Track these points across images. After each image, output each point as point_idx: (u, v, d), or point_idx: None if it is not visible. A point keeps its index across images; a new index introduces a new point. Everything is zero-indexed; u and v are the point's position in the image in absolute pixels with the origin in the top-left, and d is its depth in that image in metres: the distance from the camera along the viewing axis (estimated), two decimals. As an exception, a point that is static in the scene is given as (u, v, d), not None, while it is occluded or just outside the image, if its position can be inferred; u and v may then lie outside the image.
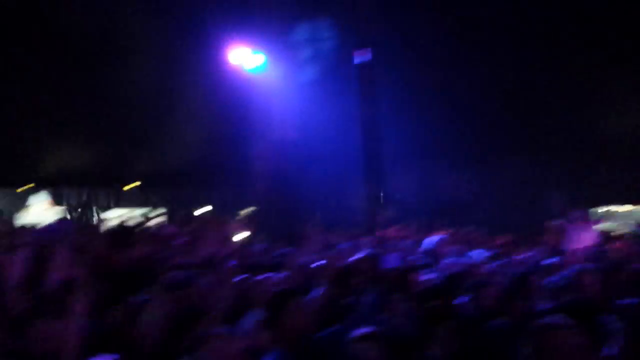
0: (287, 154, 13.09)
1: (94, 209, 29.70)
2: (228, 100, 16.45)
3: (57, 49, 25.21)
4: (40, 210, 32.09)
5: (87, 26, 23.30)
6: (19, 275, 2.90)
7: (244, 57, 13.15)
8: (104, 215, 30.19)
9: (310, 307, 3.67)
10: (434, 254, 7.92)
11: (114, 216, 28.46)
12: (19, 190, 31.86)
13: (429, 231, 9.73)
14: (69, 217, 29.65)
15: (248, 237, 9.76)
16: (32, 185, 32.76)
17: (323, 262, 6.39)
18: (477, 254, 8.17)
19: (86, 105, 27.25)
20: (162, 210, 29.77)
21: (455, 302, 4.68)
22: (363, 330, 3.10)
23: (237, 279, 4.57)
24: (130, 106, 25.92)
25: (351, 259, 6.27)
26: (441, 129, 16.95)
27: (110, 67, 25.20)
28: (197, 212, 25.68)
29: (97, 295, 4.07)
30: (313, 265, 6.16)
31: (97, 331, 3.30)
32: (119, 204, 31.40)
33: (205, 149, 24.94)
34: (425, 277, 5.72)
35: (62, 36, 24.85)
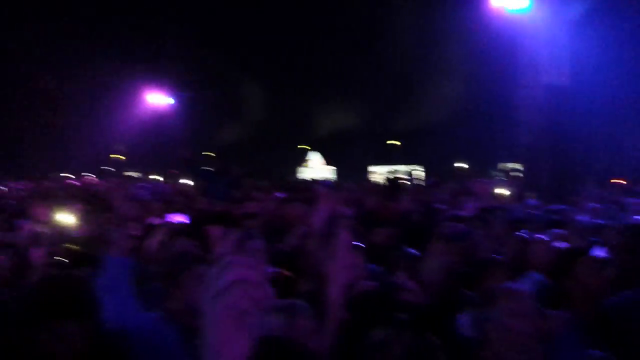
0: (557, 102, 11.92)
1: (363, 165, 31.92)
2: (490, 47, 15.61)
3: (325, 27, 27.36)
4: (314, 168, 35.64)
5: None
6: (319, 224, 3.23)
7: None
8: (371, 170, 32.28)
9: (601, 268, 3.29)
10: None
11: (380, 172, 30.13)
12: (298, 147, 36.07)
13: None
14: (336, 175, 32.52)
15: (514, 192, 9.31)
16: (307, 147, 36.76)
17: (604, 220, 5.74)
18: None
19: (351, 71, 29.08)
20: (421, 166, 30.50)
21: None
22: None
23: (514, 235, 4.34)
24: (392, 65, 26.75)
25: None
26: None
27: (372, 29, 26.25)
28: (456, 166, 25.60)
29: (370, 244, 4.31)
30: (594, 223, 5.57)
31: (374, 276, 3.50)
32: (384, 160, 33.16)
33: (466, 101, 24.41)
34: None
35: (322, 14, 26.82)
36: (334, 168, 33.76)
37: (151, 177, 25.66)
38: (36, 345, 2.00)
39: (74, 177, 19.50)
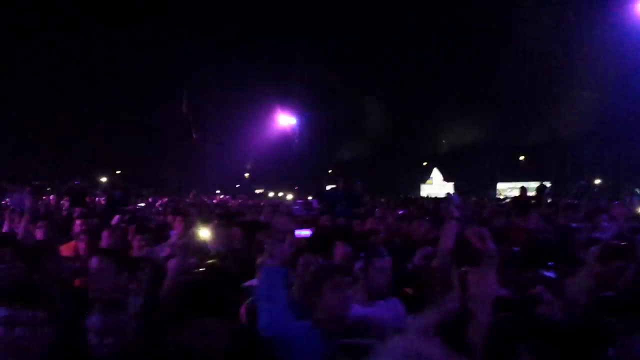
0: None
1: (488, 181, 30.71)
2: (630, 56, 14.44)
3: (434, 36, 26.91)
4: (436, 185, 34.87)
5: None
6: (449, 244, 3.21)
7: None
8: (498, 187, 30.91)
9: None
10: None
11: (507, 188, 28.83)
12: (420, 163, 35.61)
13: None
14: (459, 193, 31.52)
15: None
16: (427, 162, 36.18)
17: None
18: None
19: (476, 82, 28.19)
20: (551, 182, 28.68)
21: None
22: None
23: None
24: (520, 74, 25.38)
25: None
26: None
27: (498, 36, 25.20)
28: (590, 183, 23.71)
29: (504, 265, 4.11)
30: None
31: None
32: (510, 176, 31.60)
33: (601, 113, 22.51)
34: None
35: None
36: (457, 184, 32.86)
37: (279, 194, 26.72)
38: (183, 339, 2.19)
39: (209, 194, 20.83)
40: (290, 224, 3.51)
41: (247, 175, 37.22)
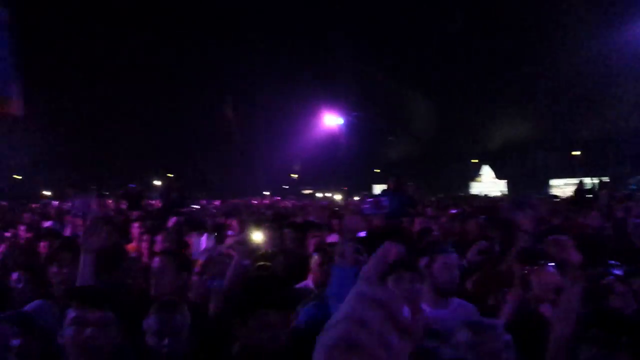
0: None
1: (542, 178, 29.75)
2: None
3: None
4: (486, 182, 34.06)
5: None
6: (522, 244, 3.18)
7: None
8: (552, 184, 29.91)
9: None
10: None
11: (563, 185, 27.87)
12: (471, 161, 34.88)
13: None
14: (511, 189, 30.70)
15: None
16: (476, 160, 35.40)
17: None
18: None
19: (527, 76, 27.43)
20: (608, 178, 27.56)
21: None
22: None
23: None
24: (573, 68, 24.53)
25: None
26: None
27: (548, 29, 24.47)
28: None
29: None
30: None
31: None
32: (565, 173, 30.53)
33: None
34: None
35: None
36: (509, 181, 32.09)
37: (326, 194, 26.75)
38: (246, 333, 2.24)
39: (259, 196, 21.08)
40: (361, 223, 3.44)
41: (294, 176, 37.46)
